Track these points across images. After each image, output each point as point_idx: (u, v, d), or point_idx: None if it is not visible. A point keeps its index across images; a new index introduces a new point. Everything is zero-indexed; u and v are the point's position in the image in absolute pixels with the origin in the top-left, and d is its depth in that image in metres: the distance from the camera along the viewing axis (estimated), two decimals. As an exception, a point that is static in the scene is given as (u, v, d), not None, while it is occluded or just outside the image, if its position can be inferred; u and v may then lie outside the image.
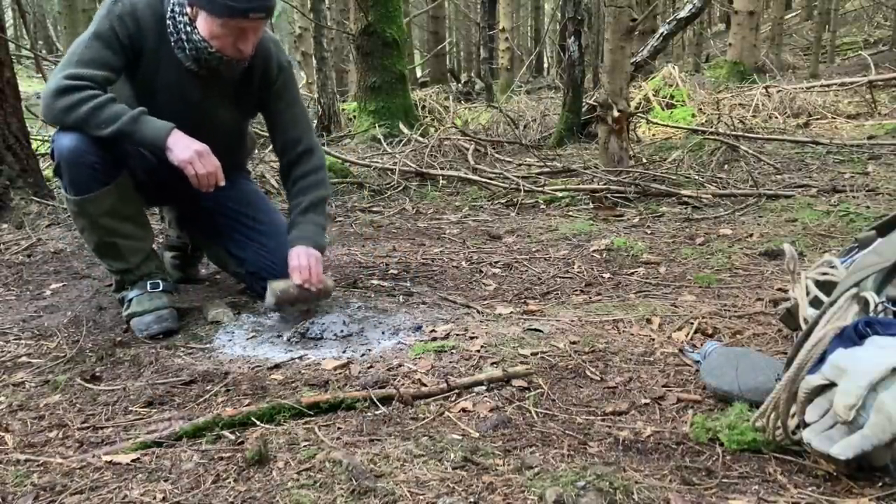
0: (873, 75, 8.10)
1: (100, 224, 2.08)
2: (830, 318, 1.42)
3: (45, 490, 1.27)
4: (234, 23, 1.98)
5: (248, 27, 2.01)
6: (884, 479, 1.23)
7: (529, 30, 21.96)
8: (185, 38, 2.05)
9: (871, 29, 14.16)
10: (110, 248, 2.14)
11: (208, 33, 2.01)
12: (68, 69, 1.99)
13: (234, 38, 2.02)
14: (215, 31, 2.00)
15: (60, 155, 2.02)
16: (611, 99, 4.26)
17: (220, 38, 2.01)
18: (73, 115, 1.96)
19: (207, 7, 1.97)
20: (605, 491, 1.17)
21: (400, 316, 2.19)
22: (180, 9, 2.04)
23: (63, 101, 1.96)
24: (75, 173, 2.02)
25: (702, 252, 2.93)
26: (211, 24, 1.99)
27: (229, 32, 2.00)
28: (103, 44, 2.03)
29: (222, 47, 2.03)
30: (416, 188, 4.52)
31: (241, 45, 2.04)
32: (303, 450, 1.37)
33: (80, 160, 2.01)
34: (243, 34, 2.02)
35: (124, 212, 2.12)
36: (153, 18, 2.07)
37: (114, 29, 2.04)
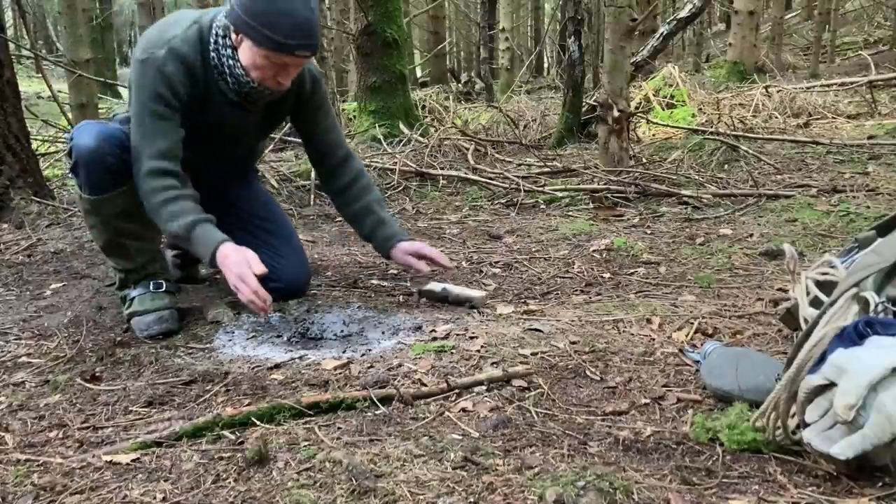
0: (873, 75, 8.09)
1: (111, 224, 2.10)
2: (830, 318, 1.42)
3: (45, 490, 1.27)
4: (278, 58, 1.96)
5: (291, 63, 1.99)
6: (884, 479, 1.23)
7: (529, 30, 21.95)
8: (229, 71, 2.04)
9: (871, 29, 14.15)
10: (118, 248, 2.15)
11: (250, 62, 1.99)
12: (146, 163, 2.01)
13: (275, 71, 2.00)
14: (258, 62, 1.98)
15: (79, 154, 2.03)
16: (611, 99, 4.25)
17: (262, 69, 1.99)
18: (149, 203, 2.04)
19: (253, 37, 1.94)
20: (605, 491, 1.17)
21: (400, 316, 2.19)
22: (224, 40, 2.02)
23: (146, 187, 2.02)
24: (93, 173, 2.03)
25: (702, 252, 2.93)
26: (254, 55, 1.97)
27: (271, 65, 1.98)
28: (159, 117, 2.01)
29: (262, 79, 2.02)
30: (416, 188, 4.52)
31: (282, 78, 2.02)
32: (303, 450, 1.37)
33: (98, 160, 2.02)
34: (285, 69, 2.01)
35: (136, 213, 2.12)
36: (195, 54, 2.04)
37: (161, 96, 2.00)
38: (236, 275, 1.93)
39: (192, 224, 1.99)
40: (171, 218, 2.00)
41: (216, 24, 2.05)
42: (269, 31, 1.91)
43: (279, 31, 1.91)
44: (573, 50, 6.35)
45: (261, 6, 1.90)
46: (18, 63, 7.12)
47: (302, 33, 1.93)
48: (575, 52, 6.35)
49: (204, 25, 2.06)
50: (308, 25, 1.93)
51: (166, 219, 2.01)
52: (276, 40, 1.92)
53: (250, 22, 1.92)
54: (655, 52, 7.06)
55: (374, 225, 2.37)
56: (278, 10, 1.89)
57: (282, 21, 1.90)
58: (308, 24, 1.93)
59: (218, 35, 2.04)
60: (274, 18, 1.90)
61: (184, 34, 2.03)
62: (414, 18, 12.80)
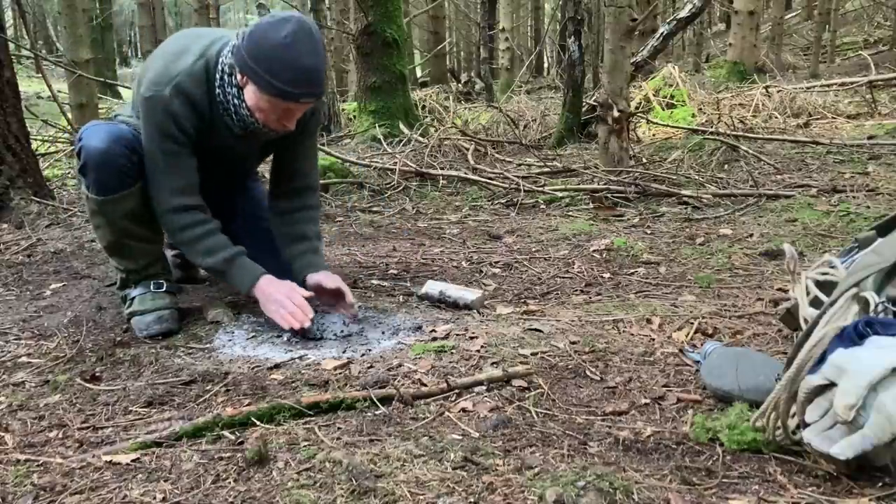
0: (873, 75, 8.09)
1: (117, 225, 2.10)
2: (830, 318, 1.42)
3: (45, 490, 1.27)
4: (283, 104, 1.93)
5: (296, 108, 1.97)
6: (884, 479, 1.23)
7: (529, 30, 21.95)
8: (234, 110, 2.02)
9: (871, 29, 14.15)
10: (122, 248, 2.16)
11: (255, 105, 1.96)
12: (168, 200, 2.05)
13: (279, 114, 1.97)
14: (262, 106, 1.95)
15: (88, 155, 2.02)
16: (611, 99, 4.25)
17: (266, 112, 1.97)
18: (178, 238, 2.12)
19: (258, 82, 1.90)
20: (605, 491, 1.17)
21: (400, 316, 2.19)
22: (229, 78, 1.99)
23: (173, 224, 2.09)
24: (102, 174, 2.03)
25: (702, 252, 2.93)
26: (258, 99, 1.94)
27: (275, 109, 1.95)
28: (171, 154, 2.03)
29: (266, 121, 1.99)
30: (416, 188, 4.52)
31: (286, 121, 2.00)
32: (303, 450, 1.37)
33: (108, 162, 2.02)
34: (289, 113, 1.98)
35: (142, 214, 2.12)
36: (200, 90, 2.02)
37: (170, 134, 2.00)
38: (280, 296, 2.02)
39: (228, 260, 2.08)
40: (206, 254, 2.09)
41: (222, 61, 2.00)
42: (273, 79, 1.87)
43: (284, 79, 1.87)
44: (573, 50, 6.35)
45: (266, 53, 1.86)
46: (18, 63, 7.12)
47: (307, 81, 1.90)
48: (575, 52, 6.35)
49: (210, 59, 2.01)
50: (313, 74, 1.90)
51: (200, 254, 2.10)
52: (280, 88, 1.88)
53: (255, 68, 1.88)
54: (655, 52, 7.06)
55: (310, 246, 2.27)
56: (284, 58, 1.85)
57: (287, 69, 1.86)
58: (313, 72, 1.90)
59: (224, 72, 2.00)
60: (279, 66, 1.85)
61: (189, 70, 1.99)
62: (414, 18, 12.80)
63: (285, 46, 1.85)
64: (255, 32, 1.90)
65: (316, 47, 1.90)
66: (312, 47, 1.89)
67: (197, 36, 2.09)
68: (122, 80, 19.38)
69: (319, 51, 1.92)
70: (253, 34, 1.90)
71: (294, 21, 1.87)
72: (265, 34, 1.87)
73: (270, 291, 2.05)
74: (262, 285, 2.07)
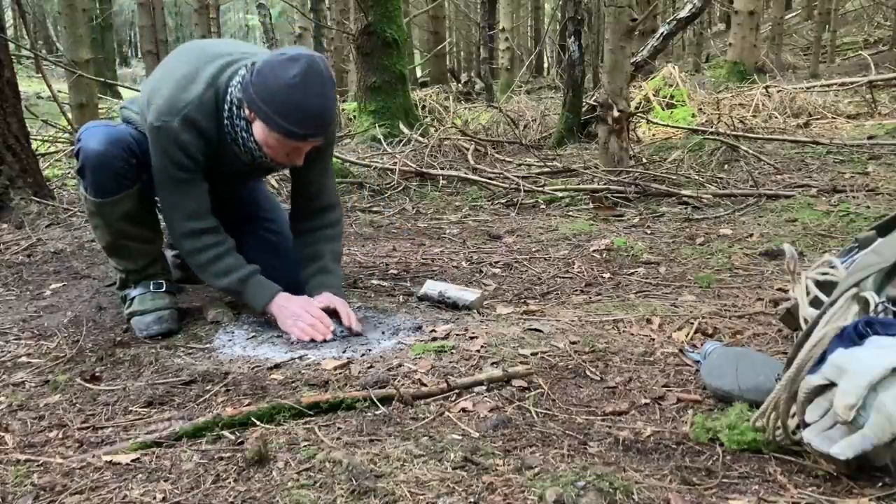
0: (873, 75, 8.09)
1: (115, 226, 2.10)
2: (830, 318, 1.42)
3: (45, 490, 1.27)
4: (290, 142, 1.92)
5: (304, 146, 1.97)
6: (884, 479, 1.23)
7: (529, 30, 21.95)
8: (242, 142, 2.01)
9: (871, 29, 14.15)
10: (121, 249, 2.16)
11: (263, 141, 1.95)
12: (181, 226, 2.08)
13: (287, 151, 1.96)
14: (270, 143, 1.94)
15: (86, 157, 2.02)
16: (611, 99, 4.25)
17: (274, 148, 1.95)
18: (192, 262, 2.14)
19: (266, 121, 1.89)
20: (605, 491, 1.17)
21: (400, 316, 2.19)
22: (238, 111, 1.98)
23: (187, 248, 2.11)
24: (100, 177, 2.03)
25: (702, 252, 2.93)
26: (266, 136, 1.92)
27: (283, 147, 1.94)
28: (181, 181, 2.03)
29: (274, 156, 1.98)
30: (416, 188, 4.52)
31: (294, 158, 2.00)
32: (303, 450, 1.37)
33: (106, 164, 2.02)
34: (297, 150, 1.98)
35: (140, 216, 2.13)
36: (209, 121, 2.00)
37: (180, 163, 2.00)
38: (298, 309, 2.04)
39: (242, 280, 2.10)
40: (221, 275, 2.11)
41: (231, 92, 1.98)
42: (281, 119, 1.86)
43: (292, 119, 1.86)
44: (573, 50, 6.35)
45: (275, 93, 1.84)
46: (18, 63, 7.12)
47: (315, 123, 1.90)
48: (575, 52, 6.35)
49: (220, 89, 1.99)
50: (322, 115, 1.90)
51: (215, 276, 2.12)
52: (288, 128, 1.87)
53: (264, 107, 1.86)
54: (655, 52, 7.06)
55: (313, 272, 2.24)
56: (292, 99, 1.84)
57: (296, 110, 1.85)
58: (322, 113, 1.90)
59: (233, 104, 1.98)
60: (287, 107, 1.84)
61: (199, 100, 1.97)
62: (414, 18, 12.79)
63: (294, 87, 1.83)
64: (264, 70, 1.87)
65: (325, 88, 1.89)
66: (321, 88, 1.88)
67: (205, 57, 2.05)
68: (122, 80, 19.40)
69: (328, 91, 1.91)
70: (262, 72, 1.87)
71: (304, 61, 1.85)
72: (274, 73, 1.85)
73: (286, 307, 2.06)
74: (277, 302, 2.08)
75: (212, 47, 2.11)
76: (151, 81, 2.08)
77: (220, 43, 2.20)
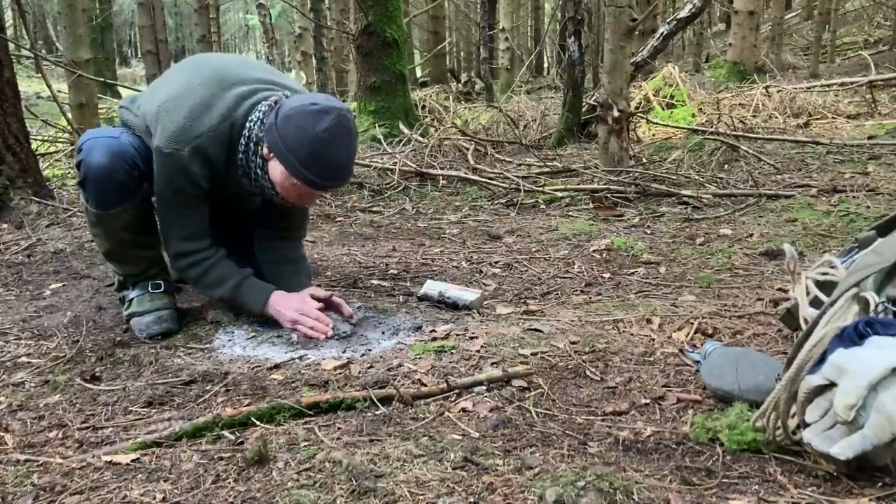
0: (873, 75, 8.09)
1: (115, 235, 2.11)
2: (830, 318, 1.42)
3: (45, 490, 1.27)
4: (309, 190, 1.92)
5: (321, 193, 1.98)
6: (884, 479, 1.23)
7: (529, 30, 21.95)
8: (255, 178, 1.99)
9: (871, 29, 14.15)
10: (120, 255, 2.17)
11: (279, 182, 1.93)
12: (176, 246, 2.11)
13: (301, 194, 1.95)
14: (286, 185, 1.92)
15: (89, 170, 2.01)
16: (611, 99, 4.25)
17: (289, 190, 1.94)
18: (187, 277, 2.17)
19: (287, 167, 1.87)
20: (605, 491, 1.17)
21: (400, 316, 2.19)
22: (255, 147, 1.95)
23: (179, 265, 2.13)
24: (102, 190, 2.02)
25: (702, 252, 2.93)
26: (284, 178, 1.91)
27: (299, 191, 1.93)
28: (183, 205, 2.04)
29: (287, 197, 1.97)
30: (416, 188, 4.52)
31: (306, 201, 2.02)
32: (303, 450, 1.37)
33: (109, 178, 2.01)
34: (312, 196, 1.99)
35: (139, 225, 2.13)
36: (220, 153, 1.99)
37: (184, 190, 2.00)
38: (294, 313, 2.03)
39: (235, 286, 2.10)
40: (213, 287, 2.12)
41: (249, 127, 1.96)
42: (305, 169, 1.85)
43: (316, 171, 1.86)
44: (573, 50, 6.35)
45: (301, 143, 1.84)
46: (18, 63, 7.12)
47: (337, 176, 1.92)
48: (575, 52, 6.35)
49: (236, 122, 1.97)
50: (345, 169, 1.92)
51: (210, 287, 2.13)
52: (310, 179, 1.87)
53: (288, 155, 1.85)
54: (655, 52, 7.06)
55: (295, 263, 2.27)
56: (319, 153, 1.84)
57: (321, 164, 1.85)
58: (345, 167, 1.92)
59: (251, 140, 1.96)
60: (313, 160, 1.84)
61: (213, 131, 1.94)
62: (414, 18, 12.79)
63: (323, 142, 1.83)
64: (292, 117, 1.85)
65: (351, 143, 1.90)
66: (349, 144, 1.89)
67: (223, 83, 1.99)
68: (122, 80, 19.41)
69: (353, 146, 1.92)
70: (290, 118, 1.85)
71: (335, 115, 1.85)
72: (304, 124, 1.84)
73: (283, 307, 2.06)
74: (273, 303, 2.07)
75: (229, 71, 2.05)
76: (162, 95, 2.01)
77: (237, 65, 2.13)
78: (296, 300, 2.06)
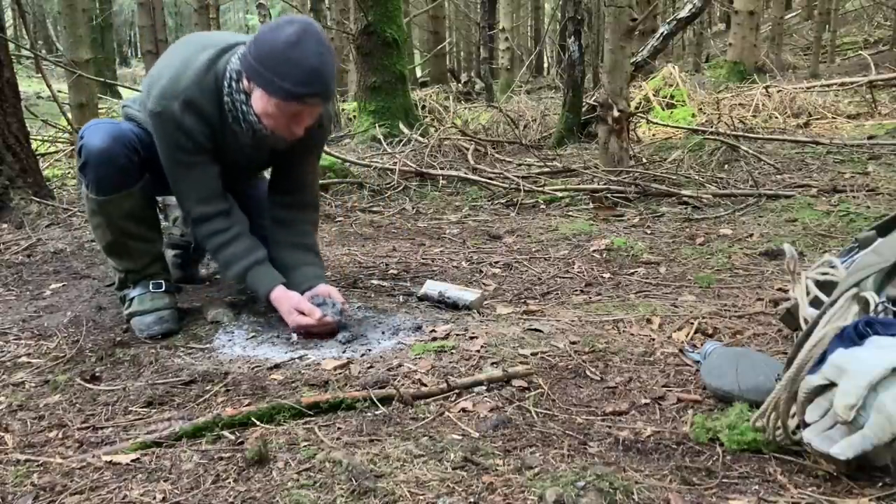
0: (873, 75, 8.10)
1: (116, 225, 2.10)
2: (830, 318, 1.42)
3: (45, 490, 1.27)
4: (290, 106, 1.90)
5: (304, 111, 1.94)
6: (884, 479, 1.23)
7: (529, 30, 21.95)
8: (242, 116, 1.98)
9: (871, 29, 14.15)
10: (121, 248, 2.15)
11: (262, 111, 1.93)
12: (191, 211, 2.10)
13: (287, 119, 1.94)
14: (270, 111, 1.92)
15: (89, 154, 2.02)
16: (611, 99, 4.25)
17: (274, 117, 1.93)
18: (205, 246, 2.19)
19: (264, 85, 1.87)
20: (605, 491, 1.17)
21: (400, 316, 2.19)
22: (237, 85, 1.96)
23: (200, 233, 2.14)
24: (102, 174, 2.03)
25: (702, 252, 2.93)
26: (266, 103, 1.91)
27: (283, 114, 1.92)
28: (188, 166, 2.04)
29: (275, 127, 1.96)
30: (416, 188, 4.52)
31: (295, 127, 1.97)
32: (303, 450, 1.37)
33: (109, 161, 2.02)
34: (298, 117, 1.95)
35: (141, 214, 2.13)
36: (211, 103, 2.00)
37: (184, 147, 2.01)
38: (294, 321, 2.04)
39: (244, 271, 2.12)
40: (226, 266, 2.14)
41: (230, 69, 1.98)
42: (279, 80, 1.84)
43: (289, 79, 1.84)
44: (573, 50, 6.36)
45: (272, 54, 1.84)
46: (18, 63, 7.12)
47: (312, 81, 1.88)
48: (575, 52, 6.35)
49: (220, 71, 1.99)
50: (320, 73, 1.88)
51: (222, 266, 2.17)
52: (286, 89, 1.85)
53: (261, 70, 1.86)
54: (655, 52, 7.06)
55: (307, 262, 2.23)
56: (289, 58, 1.83)
57: (292, 69, 1.83)
58: (320, 72, 1.88)
59: (232, 79, 1.97)
60: (285, 67, 1.83)
61: (199, 82, 1.97)
62: (414, 18, 12.80)
63: (290, 45, 1.84)
64: (260, 36, 1.89)
65: (321, 47, 1.87)
66: (318, 48, 1.86)
67: (203, 45, 2.05)
68: (122, 80, 19.38)
69: (325, 51, 1.89)
70: (258, 38, 1.89)
71: (299, 23, 1.86)
72: (270, 35, 1.86)
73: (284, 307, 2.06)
74: (275, 298, 2.09)
75: (210, 37, 2.12)
76: (151, 72, 2.09)
77: (219, 33, 2.21)
78: (292, 303, 2.05)
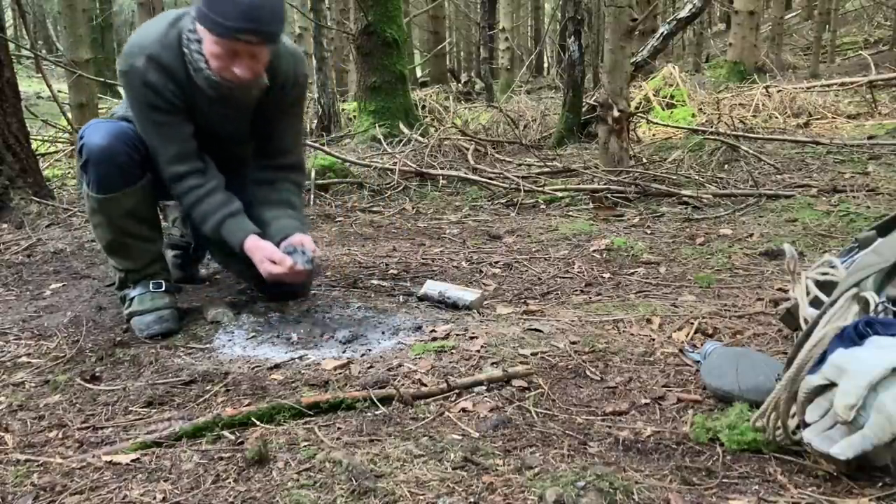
0: (873, 75, 8.10)
1: (116, 224, 2.10)
2: (830, 318, 1.42)
3: (45, 490, 1.27)
4: (226, 44, 1.90)
5: (241, 50, 1.92)
6: (884, 479, 1.23)
7: (529, 30, 21.95)
8: (197, 64, 1.98)
9: (871, 29, 14.15)
10: (121, 248, 2.15)
11: (209, 53, 1.94)
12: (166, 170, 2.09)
13: (228, 60, 1.93)
14: (213, 50, 1.93)
15: (90, 152, 2.03)
16: (611, 99, 4.25)
17: (217, 57, 1.93)
18: (182, 204, 2.19)
19: (206, 24, 1.89)
20: (605, 491, 1.17)
21: (400, 316, 2.19)
22: (191, 34, 1.97)
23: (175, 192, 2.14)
24: (103, 172, 2.04)
25: (702, 252, 2.93)
26: (209, 43, 1.92)
27: (224, 52, 1.91)
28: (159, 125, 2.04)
29: (218, 69, 1.95)
30: (416, 188, 4.52)
31: (238, 68, 1.94)
32: (303, 450, 1.37)
33: (110, 159, 2.03)
34: (237, 56, 1.93)
35: (141, 214, 2.13)
36: (175, 58, 2.00)
37: (153, 105, 2.01)
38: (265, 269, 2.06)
39: (218, 224, 2.11)
40: (202, 221, 2.13)
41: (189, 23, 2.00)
42: (217, 16, 1.85)
43: (227, 15, 1.84)
44: (573, 50, 6.35)
45: None
46: (18, 63, 7.12)
47: (248, 18, 1.86)
48: (575, 52, 6.35)
49: (182, 28, 2.00)
50: (256, 10, 1.86)
51: (199, 222, 2.15)
52: (222, 24, 1.86)
53: (205, 11, 1.88)
54: (655, 52, 7.06)
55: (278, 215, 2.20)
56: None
57: (228, 6, 1.84)
58: (257, 9, 1.86)
59: (189, 31, 1.99)
60: (223, 5, 1.84)
61: (161, 38, 1.99)
62: (414, 18, 12.80)
63: None
64: None
65: None
66: None
67: (170, 13, 2.10)
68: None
69: None
70: None
71: None
72: None
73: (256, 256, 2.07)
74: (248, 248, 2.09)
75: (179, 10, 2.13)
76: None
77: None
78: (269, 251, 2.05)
